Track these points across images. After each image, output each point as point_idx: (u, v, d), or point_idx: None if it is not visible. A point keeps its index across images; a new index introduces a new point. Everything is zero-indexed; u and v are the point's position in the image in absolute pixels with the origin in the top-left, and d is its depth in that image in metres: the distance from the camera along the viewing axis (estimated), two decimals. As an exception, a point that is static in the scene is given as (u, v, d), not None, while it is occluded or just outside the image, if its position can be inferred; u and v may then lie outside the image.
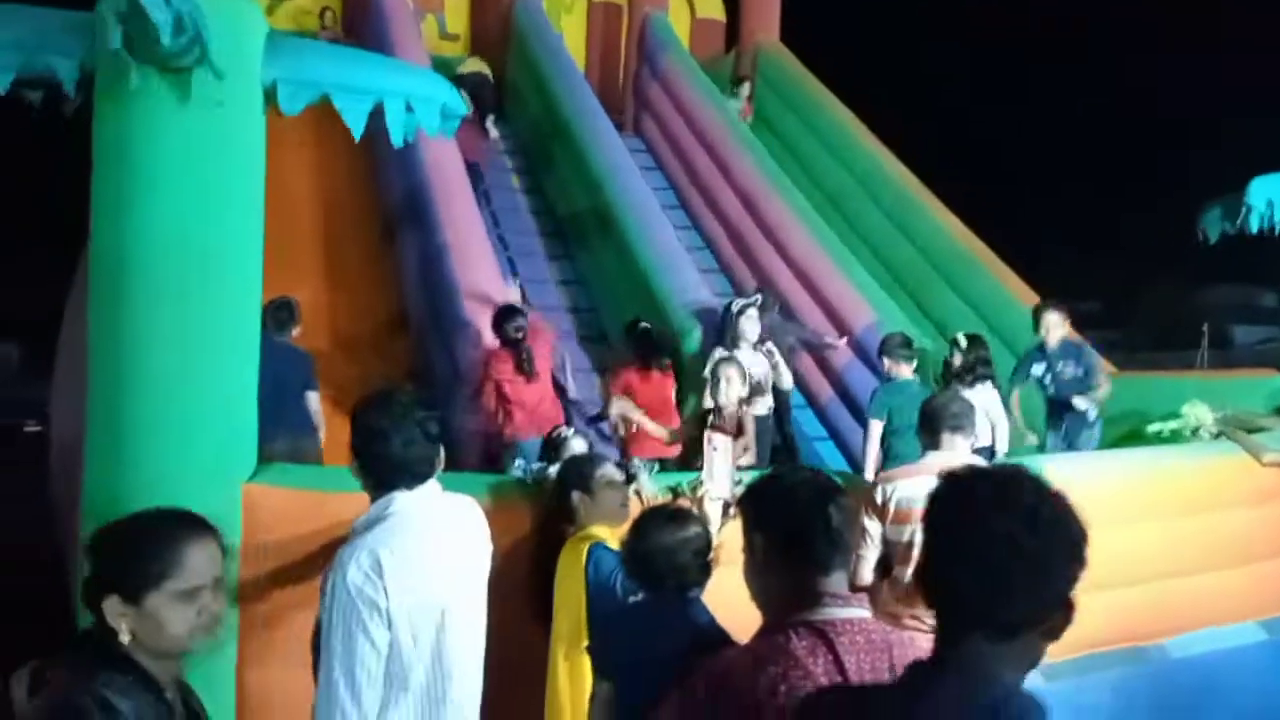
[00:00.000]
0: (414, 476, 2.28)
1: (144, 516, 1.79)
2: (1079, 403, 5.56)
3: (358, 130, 3.24)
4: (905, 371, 5.42)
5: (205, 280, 3.04)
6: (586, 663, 2.76)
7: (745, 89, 9.89)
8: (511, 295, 6.17)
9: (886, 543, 3.33)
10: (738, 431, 4.29)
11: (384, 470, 2.29)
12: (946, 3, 15.33)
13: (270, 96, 3.14)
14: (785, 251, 7.89)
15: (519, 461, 4.26)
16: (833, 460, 6.83)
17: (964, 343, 5.64)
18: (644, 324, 6.17)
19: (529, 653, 3.08)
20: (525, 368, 5.26)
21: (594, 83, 10.21)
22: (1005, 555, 1.24)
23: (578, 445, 3.77)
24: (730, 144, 8.88)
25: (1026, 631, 1.27)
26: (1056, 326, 5.69)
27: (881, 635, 1.70)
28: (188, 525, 1.73)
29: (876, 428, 5.22)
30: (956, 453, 3.37)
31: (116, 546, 1.69)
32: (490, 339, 5.50)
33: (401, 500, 2.27)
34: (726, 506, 3.26)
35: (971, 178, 11.66)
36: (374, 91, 3.21)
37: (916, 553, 3.22)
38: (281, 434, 4.58)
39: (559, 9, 11.47)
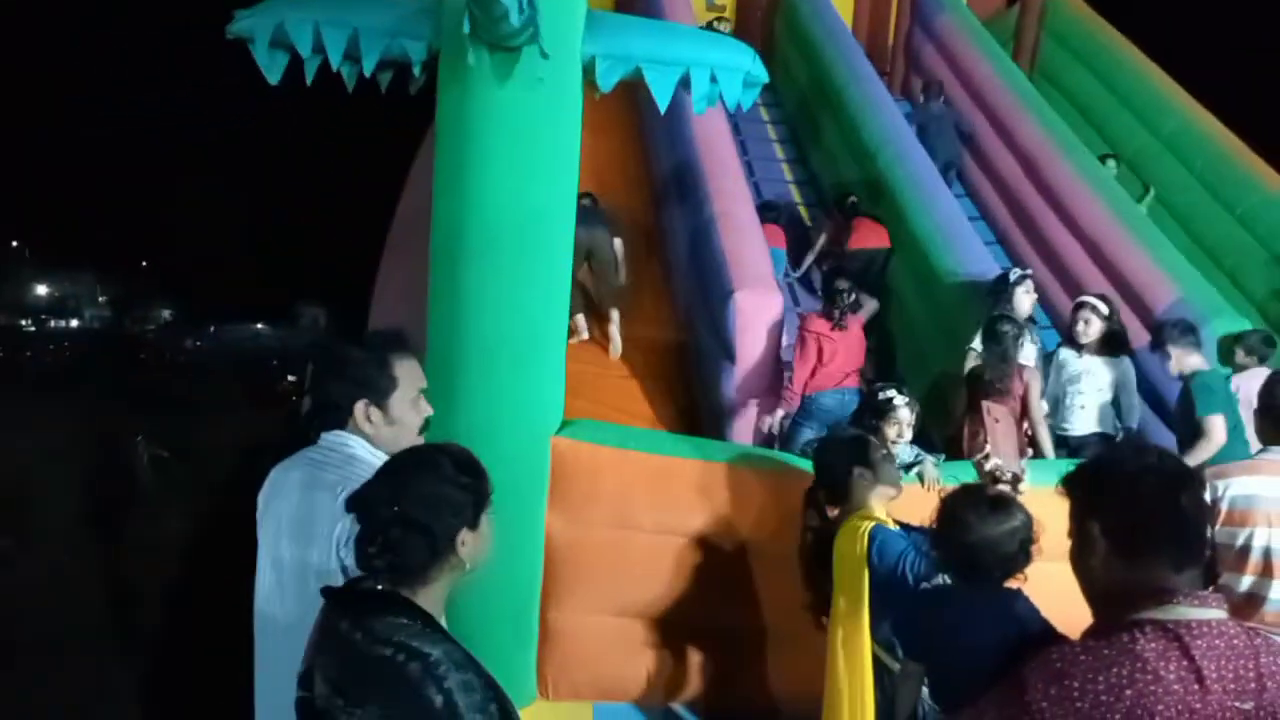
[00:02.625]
0: (314, 423, 2.16)
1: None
2: None
3: (664, 101, 3.32)
4: (1198, 361, 4.69)
5: (529, 245, 3.24)
6: (865, 643, 2.71)
7: (1112, 165, 7.97)
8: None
9: (1216, 546, 2.98)
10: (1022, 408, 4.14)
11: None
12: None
13: (588, 72, 3.28)
14: (1075, 222, 7.18)
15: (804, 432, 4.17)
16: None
17: (1104, 308, 5.08)
18: (852, 198, 6.51)
19: (796, 622, 3.09)
20: (839, 318, 5.40)
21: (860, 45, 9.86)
22: None
23: (901, 405, 3.62)
24: (1012, 105, 8.21)
25: None
26: None
27: (1245, 640, 1.50)
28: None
29: (1219, 426, 4.31)
30: None
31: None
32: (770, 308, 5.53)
33: (311, 448, 2.15)
34: (1016, 480, 3.06)
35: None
36: (682, 62, 3.29)
37: (1256, 558, 2.88)
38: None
39: (827, -29, 11.11)
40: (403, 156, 8.14)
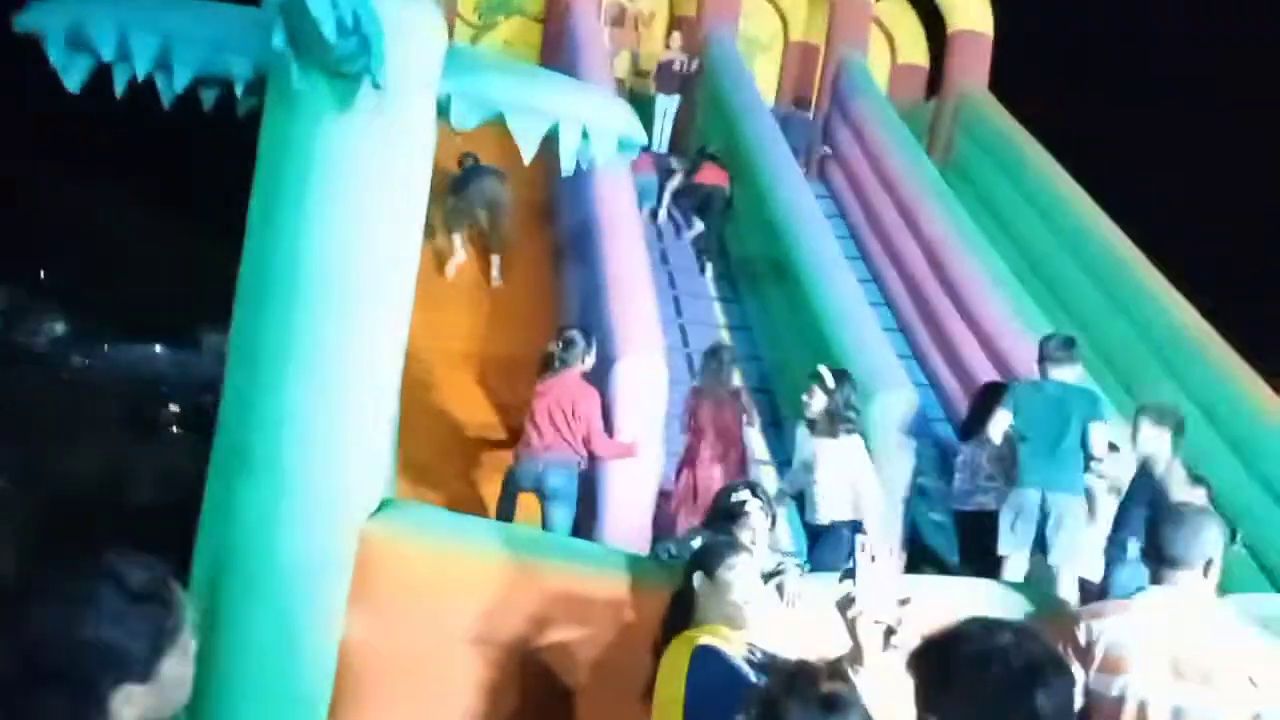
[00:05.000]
0: None
1: None
2: None
3: (528, 154, 3.02)
4: (1062, 375, 4.82)
5: (349, 297, 2.84)
6: None
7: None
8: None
9: (1089, 693, 2.71)
10: None
11: None
12: (1192, 53, 13.81)
13: (443, 111, 2.97)
14: (972, 316, 7.18)
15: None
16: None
17: (830, 381, 4.69)
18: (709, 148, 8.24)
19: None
20: (549, 369, 5.14)
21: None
22: None
23: (755, 508, 3.20)
24: (920, 196, 8.26)
25: None
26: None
27: None
28: None
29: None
30: (1179, 589, 2.72)
31: None
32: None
33: None
34: (889, 633, 2.61)
35: (1207, 250, 10.37)
36: (550, 114, 2.99)
37: (1131, 708, 2.63)
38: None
39: (755, 48, 11.24)
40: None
